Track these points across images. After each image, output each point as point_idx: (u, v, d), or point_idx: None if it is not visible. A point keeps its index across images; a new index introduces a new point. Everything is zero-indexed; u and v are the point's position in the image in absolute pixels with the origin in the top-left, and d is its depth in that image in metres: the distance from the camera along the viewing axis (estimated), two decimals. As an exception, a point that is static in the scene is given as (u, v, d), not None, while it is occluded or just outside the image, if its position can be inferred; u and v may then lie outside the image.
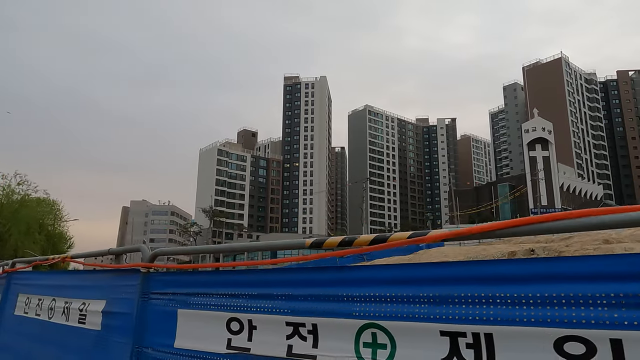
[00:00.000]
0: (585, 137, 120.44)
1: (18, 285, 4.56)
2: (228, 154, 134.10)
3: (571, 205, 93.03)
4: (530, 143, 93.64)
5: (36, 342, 3.76)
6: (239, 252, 4.19)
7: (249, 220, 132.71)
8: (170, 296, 2.51)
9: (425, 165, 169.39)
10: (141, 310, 2.63)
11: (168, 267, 2.91)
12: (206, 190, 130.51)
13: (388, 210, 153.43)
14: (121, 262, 3.18)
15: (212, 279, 2.40)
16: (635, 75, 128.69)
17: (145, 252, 2.78)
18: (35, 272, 4.58)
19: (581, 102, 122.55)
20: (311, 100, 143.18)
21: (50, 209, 46.29)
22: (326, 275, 1.87)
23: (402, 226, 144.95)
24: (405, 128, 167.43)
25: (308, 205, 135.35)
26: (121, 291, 2.87)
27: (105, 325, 2.93)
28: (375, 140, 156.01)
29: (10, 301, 4.57)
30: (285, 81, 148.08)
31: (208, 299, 2.27)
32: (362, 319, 1.69)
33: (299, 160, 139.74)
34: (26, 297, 4.23)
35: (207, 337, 2.22)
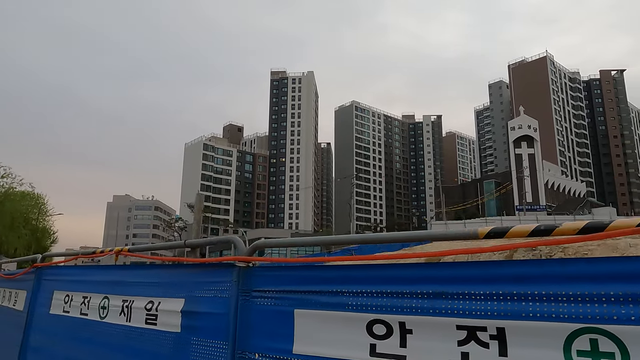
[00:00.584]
0: (569, 136, 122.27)
1: (52, 281, 4.17)
2: (214, 149, 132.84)
3: (555, 202, 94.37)
4: (516, 140, 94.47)
5: (84, 344, 3.37)
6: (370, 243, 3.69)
7: (235, 216, 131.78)
8: (282, 294, 2.16)
9: (410, 162, 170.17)
10: (242, 310, 2.28)
11: (275, 260, 2.53)
12: (191, 185, 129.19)
13: (374, 207, 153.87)
14: (196, 256, 2.80)
15: (340, 274, 1.98)
16: (618, 75, 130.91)
17: (241, 245, 2.43)
18: (76, 267, 4.16)
19: (565, 101, 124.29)
20: (298, 96, 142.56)
21: (35, 202, 44.96)
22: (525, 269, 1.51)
23: (388, 222, 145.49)
24: (391, 124, 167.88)
25: (294, 201, 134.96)
26: (208, 288, 2.52)
27: (188, 326, 2.57)
28: (362, 136, 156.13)
29: (43, 299, 4.20)
30: (272, 76, 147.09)
31: (338, 298, 1.92)
32: (575, 322, 1.35)
33: (285, 156, 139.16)
34: (65, 295, 3.84)
35: (339, 341, 1.88)
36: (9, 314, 4.84)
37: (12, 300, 4.95)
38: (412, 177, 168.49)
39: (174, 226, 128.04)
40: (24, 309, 4.42)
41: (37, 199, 45.11)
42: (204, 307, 2.50)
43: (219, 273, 2.47)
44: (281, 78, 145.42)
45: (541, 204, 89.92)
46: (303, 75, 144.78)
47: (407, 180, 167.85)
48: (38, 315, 4.14)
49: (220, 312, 2.38)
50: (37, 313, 4.16)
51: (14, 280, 5.03)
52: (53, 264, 4.38)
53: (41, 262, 4.40)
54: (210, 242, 2.96)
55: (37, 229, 45.20)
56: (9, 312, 4.88)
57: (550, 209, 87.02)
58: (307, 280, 2.09)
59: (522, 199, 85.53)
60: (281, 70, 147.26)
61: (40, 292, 4.26)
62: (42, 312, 4.09)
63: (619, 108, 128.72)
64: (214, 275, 2.50)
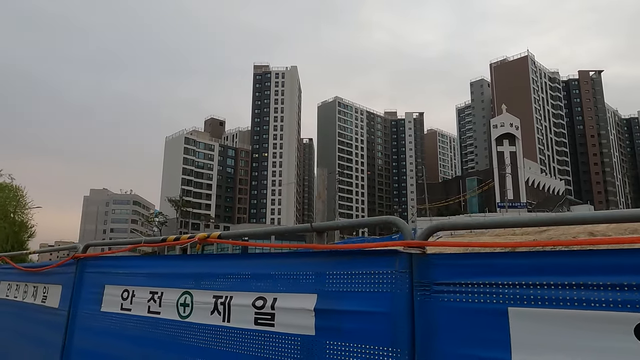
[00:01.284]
0: (548, 134, 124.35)
1: (100, 274, 3.59)
2: (195, 143, 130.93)
3: (535, 199, 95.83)
4: (498, 138, 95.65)
5: (159, 349, 2.82)
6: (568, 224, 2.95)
7: (216, 211, 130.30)
8: (486, 288, 1.63)
9: (392, 159, 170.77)
10: (420, 308, 1.77)
11: (454, 245, 1.94)
12: (172, 179, 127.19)
13: (356, 203, 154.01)
14: (323, 242, 2.27)
15: (578, 261, 1.47)
16: (596, 75, 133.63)
17: (406, 228, 1.92)
18: (136, 258, 3.62)
19: (545, 100, 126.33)
20: (281, 90, 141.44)
21: (13, 195, 43.12)
22: None
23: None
24: (374, 121, 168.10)
25: (277, 197, 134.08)
26: (356, 281, 2.00)
27: (326, 328, 2.05)
28: (345, 132, 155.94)
29: (89, 294, 3.60)
30: (255, 70, 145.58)
31: (581, 293, 1.42)
32: None
33: (268, 151, 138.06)
34: (123, 290, 3.28)
35: (587, 350, 1.39)
36: (39, 312, 4.29)
37: (40, 296, 4.38)
38: (394, 173, 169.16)
39: (153, 221, 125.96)
40: (61, 305, 3.89)
41: (15, 191, 43.30)
42: (351, 305, 1.99)
43: (373, 262, 1.97)
44: (264, 72, 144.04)
45: (522, 201, 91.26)
46: (286, 70, 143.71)
47: (388, 177, 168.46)
48: (85, 315, 3.59)
49: (380, 310, 1.87)
50: (84, 312, 3.61)
51: (40, 274, 4.45)
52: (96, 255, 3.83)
53: (83, 252, 3.84)
54: (360, 224, 2.37)
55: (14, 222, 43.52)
56: (38, 309, 4.31)
57: (530, 207, 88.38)
58: (524, 270, 1.58)
59: (504, 196, 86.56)
60: (264, 65, 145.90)
61: (83, 286, 3.70)
62: (90, 310, 3.54)
63: (596, 108, 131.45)
64: (366, 264, 2.00)
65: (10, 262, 5.21)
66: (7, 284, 5.24)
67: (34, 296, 4.51)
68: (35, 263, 5.14)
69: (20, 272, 4.89)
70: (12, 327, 4.74)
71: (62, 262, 4.06)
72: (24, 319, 4.57)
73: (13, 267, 5.02)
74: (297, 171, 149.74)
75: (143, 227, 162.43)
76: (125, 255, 3.73)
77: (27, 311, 4.51)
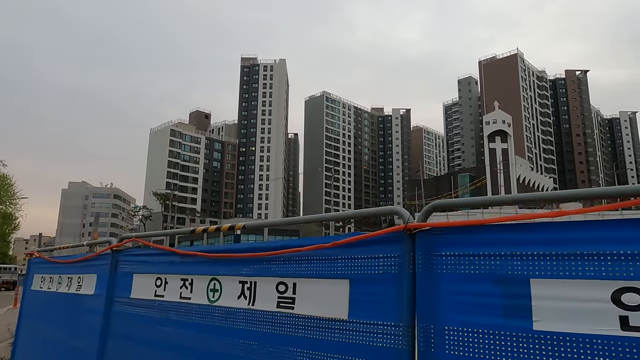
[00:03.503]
0: (536, 132, 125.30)
1: (130, 264, 3.92)
2: (181, 135, 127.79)
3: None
4: (490, 135, 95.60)
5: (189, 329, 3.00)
6: None
7: (202, 205, 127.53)
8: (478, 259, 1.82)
9: (379, 155, 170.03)
10: (421, 282, 1.97)
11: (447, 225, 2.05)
12: (157, 172, 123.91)
13: (342, 199, 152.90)
14: None
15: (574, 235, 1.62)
16: (582, 75, 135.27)
17: (406, 213, 2.15)
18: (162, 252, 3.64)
19: (533, 99, 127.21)
20: (270, 84, 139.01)
21: (1, 183, 39.91)
22: None
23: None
24: (361, 117, 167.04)
25: (264, 191, 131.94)
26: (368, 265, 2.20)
27: None
28: (332, 127, 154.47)
29: (121, 282, 3.90)
30: (243, 62, 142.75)
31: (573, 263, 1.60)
32: None
33: (255, 145, 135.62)
34: (156, 277, 3.47)
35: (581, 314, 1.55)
36: (75, 299, 4.67)
37: (75, 285, 4.78)
38: (380, 169, 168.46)
39: (137, 214, 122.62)
40: (96, 293, 4.28)
41: (3, 179, 40.02)
42: (366, 285, 2.17)
43: (383, 247, 2.15)
44: (252, 65, 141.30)
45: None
46: (275, 63, 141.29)
47: (375, 173, 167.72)
48: (117, 300, 3.98)
49: (389, 290, 2.05)
50: (116, 297, 4.00)
51: (73, 266, 4.93)
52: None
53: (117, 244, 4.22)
54: (365, 214, 2.85)
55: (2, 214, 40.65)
56: (74, 297, 4.72)
57: (521, 204, 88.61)
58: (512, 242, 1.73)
59: (496, 192, 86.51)
60: (252, 57, 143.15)
61: (118, 275, 4.06)
62: (122, 295, 3.91)
63: (582, 107, 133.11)
64: (376, 250, 2.16)
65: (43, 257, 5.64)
66: (40, 276, 5.63)
67: (68, 286, 4.89)
68: (71, 255, 5.32)
69: (52, 265, 5.34)
70: (53, 315, 5.05)
71: (97, 252, 4.49)
72: (62, 307, 4.88)
73: (47, 260, 5.55)
74: (285, 166, 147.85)
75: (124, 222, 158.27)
76: (153, 247, 3.91)
77: (64, 300, 4.84)
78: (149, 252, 3.84)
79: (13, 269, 45.51)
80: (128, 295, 3.73)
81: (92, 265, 4.45)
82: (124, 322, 3.74)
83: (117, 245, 4.14)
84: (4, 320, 15.26)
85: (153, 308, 3.43)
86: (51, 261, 5.35)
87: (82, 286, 4.56)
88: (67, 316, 4.68)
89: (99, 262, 4.34)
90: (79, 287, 4.64)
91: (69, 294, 4.78)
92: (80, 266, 4.72)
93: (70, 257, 5.12)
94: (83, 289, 4.53)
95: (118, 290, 3.92)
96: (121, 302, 3.83)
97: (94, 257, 4.46)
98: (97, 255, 4.44)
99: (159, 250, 3.69)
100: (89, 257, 4.58)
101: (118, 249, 4.14)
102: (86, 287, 4.47)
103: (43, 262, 5.56)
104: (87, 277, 4.50)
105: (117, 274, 4.00)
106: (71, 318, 4.59)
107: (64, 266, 5.05)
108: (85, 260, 4.63)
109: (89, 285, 4.40)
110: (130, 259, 3.95)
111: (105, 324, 3.92)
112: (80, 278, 4.64)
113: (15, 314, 17.37)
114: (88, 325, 4.14)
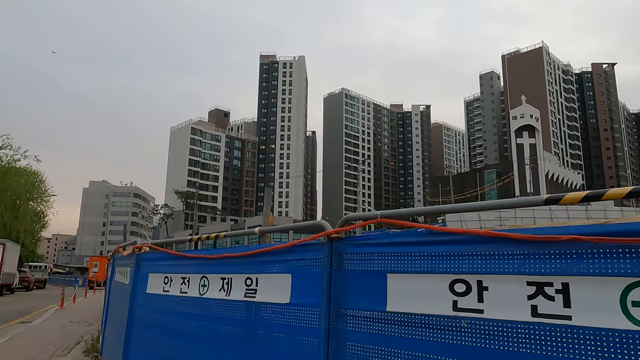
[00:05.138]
0: (562, 127, 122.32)
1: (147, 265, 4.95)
2: (202, 133, 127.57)
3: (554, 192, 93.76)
4: (517, 130, 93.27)
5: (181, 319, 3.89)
6: None
7: (223, 203, 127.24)
8: (373, 257, 2.44)
9: (399, 152, 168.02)
10: (335, 277, 2.58)
11: (356, 226, 3.00)
12: (178, 171, 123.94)
13: (362, 196, 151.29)
14: None
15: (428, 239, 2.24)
16: (609, 68, 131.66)
17: (328, 226, 2.70)
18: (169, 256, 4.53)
19: (558, 93, 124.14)
20: (289, 81, 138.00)
21: (32, 181, 39.28)
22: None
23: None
24: (380, 113, 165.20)
25: (284, 189, 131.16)
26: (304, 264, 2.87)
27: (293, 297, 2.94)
28: (351, 124, 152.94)
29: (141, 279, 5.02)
30: (262, 59, 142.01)
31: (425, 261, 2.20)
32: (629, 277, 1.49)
33: (275, 142, 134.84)
34: (164, 276, 4.43)
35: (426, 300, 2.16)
36: (123, 287, 5.79)
37: (125, 276, 5.76)
38: (400, 167, 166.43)
39: (158, 213, 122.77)
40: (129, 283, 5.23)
41: (35, 176, 39.42)
42: (302, 280, 2.81)
43: (312, 250, 2.76)
44: (271, 62, 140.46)
45: (541, 194, 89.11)
46: (294, 60, 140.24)
47: (394, 170, 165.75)
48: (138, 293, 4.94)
49: (315, 283, 2.64)
50: (137, 292, 4.95)
51: (125, 258, 5.96)
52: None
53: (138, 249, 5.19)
54: (292, 228, 3.97)
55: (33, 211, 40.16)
56: (122, 286, 5.92)
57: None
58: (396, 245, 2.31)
59: (525, 189, 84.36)
60: (271, 54, 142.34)
61: (140, 274, 4.95)
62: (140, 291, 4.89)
63: (609, 101, 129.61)
64: (309, 252, 2.77)
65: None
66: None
67: (123, 275, 6.06)
68: None
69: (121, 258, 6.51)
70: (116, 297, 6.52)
71: (129, 251, 5.53)
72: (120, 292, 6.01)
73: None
74: (305, 164, 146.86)
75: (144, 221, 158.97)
76: (163, 252, 4.69)
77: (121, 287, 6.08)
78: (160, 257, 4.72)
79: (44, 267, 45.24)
80: (143, 290, 4.83)
81: (127, 261, 5.78)
82: (139, 308, 4.89)
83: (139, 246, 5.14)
84: (55, 323, 14.32)
85: (159, 300, 4.39)
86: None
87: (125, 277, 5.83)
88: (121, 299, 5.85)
89: (130, 260, 5.60)
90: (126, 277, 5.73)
91: (122, 283, 5.97)
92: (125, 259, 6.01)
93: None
94: (125, 279, 5.91)
95: (138, 285, 4.96)
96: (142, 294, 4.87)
97: (128, 256, 5.69)
98: (129, 254, 5.73)
99: (167, 254, 4.56)
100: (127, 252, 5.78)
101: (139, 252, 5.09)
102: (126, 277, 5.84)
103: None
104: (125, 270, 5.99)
105: (140, 273, 4.95)
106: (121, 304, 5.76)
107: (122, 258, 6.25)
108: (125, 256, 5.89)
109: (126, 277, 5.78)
110: (146, 262, 4.96)
111: (129, 309, 4.98)
112: (126, 270, 5.81)
113: (65, 315, 16.49)
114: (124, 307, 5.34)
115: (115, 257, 7.41)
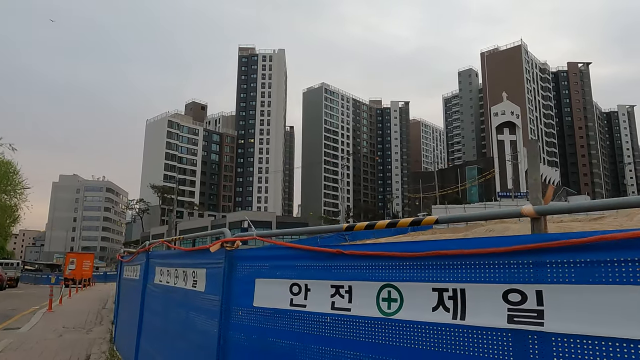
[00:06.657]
0: (539, 125, 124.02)
1: None
2: (179, 126, 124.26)
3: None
4: (498, 127, 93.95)
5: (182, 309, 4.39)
6: None
7: (200, 198, 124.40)
8: (250, 265, 3.26)
9: (377, 148, 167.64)
10: (228, 277, 3.39)
11: (246, 238, 3.52)
12: (153, 165, 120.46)
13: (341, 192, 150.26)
14: None
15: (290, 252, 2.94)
16: (584, 67, 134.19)
17: (228, 233, 3.66)
18: None
19: (536, 91, 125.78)
20: (269, 74, 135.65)
21: (5, 171, 36.47)
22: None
23: (355, 208, 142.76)
24: (359, 109, 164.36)
25: (263, 184, 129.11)
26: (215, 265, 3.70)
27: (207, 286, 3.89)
28: (331, 119, 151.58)
29: None
30: (241, 52, 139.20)
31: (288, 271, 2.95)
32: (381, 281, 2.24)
33: (254, 137, 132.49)
34: None
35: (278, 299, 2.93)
36: (134, 282, 6.74)
37: (135, 272, 6.71)
38: (379, 162, 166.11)
39: (133, 208, 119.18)
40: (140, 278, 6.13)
41: (7, 166, 36.55)
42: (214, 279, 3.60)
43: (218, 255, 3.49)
44: (250, 55, 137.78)
45: (522, 190, 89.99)
46: (274, 53, 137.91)
47: (373, 166, 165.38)
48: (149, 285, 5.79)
49: (218, 281, 3.41)
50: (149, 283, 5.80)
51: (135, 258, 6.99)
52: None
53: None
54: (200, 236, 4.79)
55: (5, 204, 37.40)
56: (134, 281, 6.88)
57: None
58: (267, 257, 3.05)
59: (506, 184, 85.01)
60: (250, 47, 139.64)
61: (149, 271, 5.80)
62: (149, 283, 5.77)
63: (584, 100, 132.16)
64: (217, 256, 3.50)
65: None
66: None
67: (133, 272, 7.28)
68: None
69: None
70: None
71: (139, 250, 6.77)
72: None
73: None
74: (284, 158, 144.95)
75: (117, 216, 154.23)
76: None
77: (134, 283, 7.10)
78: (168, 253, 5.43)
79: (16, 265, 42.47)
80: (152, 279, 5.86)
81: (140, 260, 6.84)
82: None
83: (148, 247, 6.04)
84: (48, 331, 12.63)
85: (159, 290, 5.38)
86: None
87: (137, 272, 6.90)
88: None
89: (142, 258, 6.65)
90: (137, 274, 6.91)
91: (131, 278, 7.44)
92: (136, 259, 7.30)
93: None
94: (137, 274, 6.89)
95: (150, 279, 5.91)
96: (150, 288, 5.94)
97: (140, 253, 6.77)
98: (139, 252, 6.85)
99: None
100: (136, 253, 7.43)
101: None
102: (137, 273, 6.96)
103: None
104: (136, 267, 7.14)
105: (149, 269, 5.97)
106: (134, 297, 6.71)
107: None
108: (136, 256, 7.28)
109: None
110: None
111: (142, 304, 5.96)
112: (136, 267, 7.07)
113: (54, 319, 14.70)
114: None
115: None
